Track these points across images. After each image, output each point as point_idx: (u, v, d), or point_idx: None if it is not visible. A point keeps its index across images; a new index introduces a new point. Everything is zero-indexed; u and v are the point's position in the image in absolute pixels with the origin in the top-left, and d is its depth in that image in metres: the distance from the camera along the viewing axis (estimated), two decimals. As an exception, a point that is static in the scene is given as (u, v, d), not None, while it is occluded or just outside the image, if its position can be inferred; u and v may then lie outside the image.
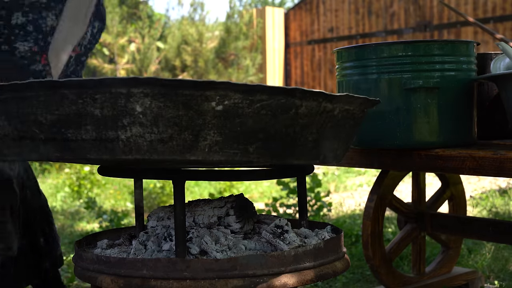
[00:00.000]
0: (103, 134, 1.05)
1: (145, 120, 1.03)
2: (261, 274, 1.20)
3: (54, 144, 1.10)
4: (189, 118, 1.03)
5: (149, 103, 1.02)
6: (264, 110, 1.07)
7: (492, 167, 1.42)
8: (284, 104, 1.08)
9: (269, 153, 1.12)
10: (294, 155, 1.16)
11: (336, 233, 1.43)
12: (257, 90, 1.05)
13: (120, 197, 5.27)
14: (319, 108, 1.14)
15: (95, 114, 1.04)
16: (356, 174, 6.37)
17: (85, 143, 1.07)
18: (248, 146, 1.08)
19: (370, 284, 2.49)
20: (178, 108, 1.03)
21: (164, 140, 1.04)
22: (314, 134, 1.17)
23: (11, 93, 1.10)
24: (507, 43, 1.70)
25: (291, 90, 1.08)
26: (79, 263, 1.32)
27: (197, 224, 1.40)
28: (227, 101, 1.04)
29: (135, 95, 1.02)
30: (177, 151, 1.05)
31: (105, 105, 1.03)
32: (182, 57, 8.89)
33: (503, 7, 7.43)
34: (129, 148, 1.05)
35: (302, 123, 1.13)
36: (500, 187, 5.12)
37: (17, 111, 1.11)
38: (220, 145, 1.06)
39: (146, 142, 1.05)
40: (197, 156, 1.06)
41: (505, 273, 2.58)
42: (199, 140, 1.05)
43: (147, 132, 1.04)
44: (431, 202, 2.33)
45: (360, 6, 8.63)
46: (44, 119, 1.08)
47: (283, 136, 1.12)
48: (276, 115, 1.09)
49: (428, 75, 1.59)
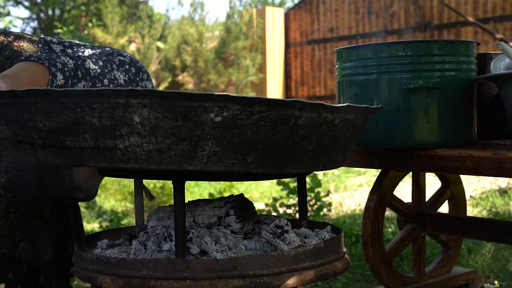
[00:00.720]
0: (101, 143, 1.06)
1: (143, 130, 1.04)
2: (261, 274, 1.20)
3: (52, 150, 1.11)
4: (188, 129, 1.04)
5: (147, 114, 1.03)
6: (263, 121, 1.07)
7: (492, 167, 1.42)
8: (283, 115, 1.08)
9: (267, 163, 1.11)
10: (293, 164, 1.16)
11: (336, 233, 1.43)
12: (257, 102, 1.05)
13: (120, 197, 5.27)
14: (319, 119, 1.13)
15: (93, 123, 1.05)
16: (356, 174, 6.38)
17: (83, 151, 1.08)
18: (246, 157, 1.08)
19: (370, 284, 2.49)
20: (177, 119, 1.03)
21: (162, 150, 1.05)
22: (314, 143, 1.16)
23: (11, 99, 1.11)
24: (507, 43, 1.70)
25: (290, 103, 1.07)
26: (79, 263, 1.32)
27: (197, 224, 1.41)
28: (226, 112, 1.04)
29: (133, 105, 1.02)
30: (175, 161, 1.06)
31: (103, 115, 1.03)
32: (182, 57, 8.89)
33: (503, 7, 7.43)
34: (127, 157, 1.06)
35: (302, 133, 1.13)
36: (500, 187, 5.12)
37: (16, 116, 1.12)
38: (219, 155, 1.07)
39: (144, 152, 1.05)
40: (195, 166, 1.06)
41: (505, 273, 2.58)
42: (197, 151, 1.05)
43: (145, 142, 1.05)
44: (431, 202, 2.34)
45: (360, 6, 8.63)
46: (42, 125, 1.09)
47: (282, 146, 1.12)
48: (276, 126, 1.08)
49: (428, 75, 1.59)
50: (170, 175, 1.24)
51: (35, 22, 11.61)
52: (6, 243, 1.71)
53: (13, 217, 1.70)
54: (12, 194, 1.69)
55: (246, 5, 10.76)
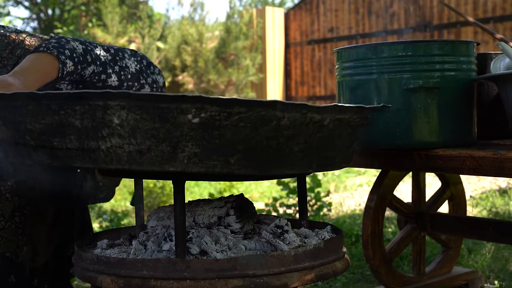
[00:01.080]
0: (85, 144, 1.08)
1: (123, 132, 1.05)
2: (261, 274, 1.20)
3: (44, 151, 1.13)
4: (166, 130, 1.04)
5: (126, 115, 1.04)
6: (242, 122, 1.06)
7: (492, 167, 1.42)
8: (264, 116, 1.07)
9: (252, 165, 1.10)
10: (281, 166, 1.14)
11: (336, 233, 1.43)
12: (235, 104, 1.04)
13: (120, 197, 5.27)
14: (304, 119, 1.12)
15: (76, 125, 1.07)
16: (356, 174, 6.38)
17: (70, 152, 1.10)
18: (228, 158, 1.08)
19: (370, 284, 2.49)
20: (155, 121, 1.04)
21: (143, 151, 1.06)
22: (301, 144, 1.14)
23: (3, 102, 1.13)
24: (507, 43, 1.70)
25: (271, 103, 1.06)
26: (79, 263, 1.32)
27: (197, 224, 1.41)
28: (204, 113, 1.04)
29: (112, 107, 1.04)
30: (155, 162, 1.07)
31: (85, 117, 1.06)
32: (182, 57, 8.89)
33: (503, 7, 7.43)
34: (110, 158, 1.08)
35: (286, 134, 1.11)
36: (500, 187, 5.12)
37: (11, 118, 1.14)
38: (199, 156, 1.07)
39: (126, 153, 1.07)
40: (176, 167, 1.07)
41: (505, 273, 2.58)
42: (177, 152, 1.06)
43: (126, 143, 1.06)
44: (431, 202, 2.34)
45: (360, 6, 8.63)
46: (33, 127, 1.11)
47: (266, 147, 1.10)
48: (256, 127, 1.08)
49: (428, 75, 1.59)
50: (170, 175, 1.24)
51: (35, 22, 11.62)
52: (10, 246, 1.71)
53: (18, 221, 1.70)
54: (18, 197, 1.69)
55: (246, 5, 10.76)
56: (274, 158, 1.13)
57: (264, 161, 1.12)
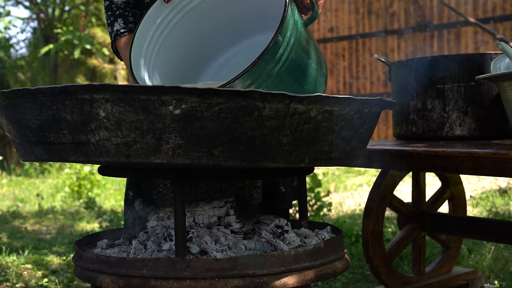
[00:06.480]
0: (76, 138, 1.09)
1: (109, 125, 1.06)
2: (261, 274, 1.20)
3: (43, 147, 1.14)
4: (150, 122, 1.05)
5: (111, 108, 1.05)
6: (223, 113, 1.06)
7: (492, 167, 1.42)
8: (244, 107, 1.07)
9: (238, 156, 1.10)
10: (269, 158, 1.13)
11: (336, 233, 1.43)
12: (214, 94, 1.04)
13: (120, 197, 5.27)
14: (287, 110, 1.10)
15: (67, 119, 1.08)
16: (356, 174, 6.38)
17: (65, 146, 1.11)
18: (212, 149, 1.08)
19: (370, 284, 2.49)
20: (138, 113, 1.05)
21: (129, 144, 1.07)
22: (288, 136, 1.13)
23: (7, 101, 1.15)
24: (507, 43, 1.70)
25: (249, 93, 1.06)
26: (79, 263, 1.32)
27: (197, 224, 1.41)
28: (184, 105, 1.04)
29: (97, 100, 1.05)
30: (142, 154, 1.07)
31: (74, 111, 1.07)
32: (182, 57, 8.87)
33: (503, 7, 7.43)
34: (100, 151, 1.09)
35: (269, 125, 1.10)
36: (500, 187, 5.12)
37: (14, 116, 1.16)
38: (184, 148, 1.07)
39: (113, 146, 1.08)
40: (161, 159, 1.07)
41: (505, 273, 2.58)
42: (161, 144, 1.06)
43: (113, 136, 1.07)
44: (431, 202, 2.33)
45: (360, 6, 8.63)
46: (32, 124, 1.13)
47: (251, 139, 1.10)
48: (238, 118, 1.07)
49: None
50: (170, 175, 1.24)
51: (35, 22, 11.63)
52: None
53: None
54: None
55: (246, 5, 10.73)
56: (261, 150, 1.11)
57: (250, 153, 1.11)
